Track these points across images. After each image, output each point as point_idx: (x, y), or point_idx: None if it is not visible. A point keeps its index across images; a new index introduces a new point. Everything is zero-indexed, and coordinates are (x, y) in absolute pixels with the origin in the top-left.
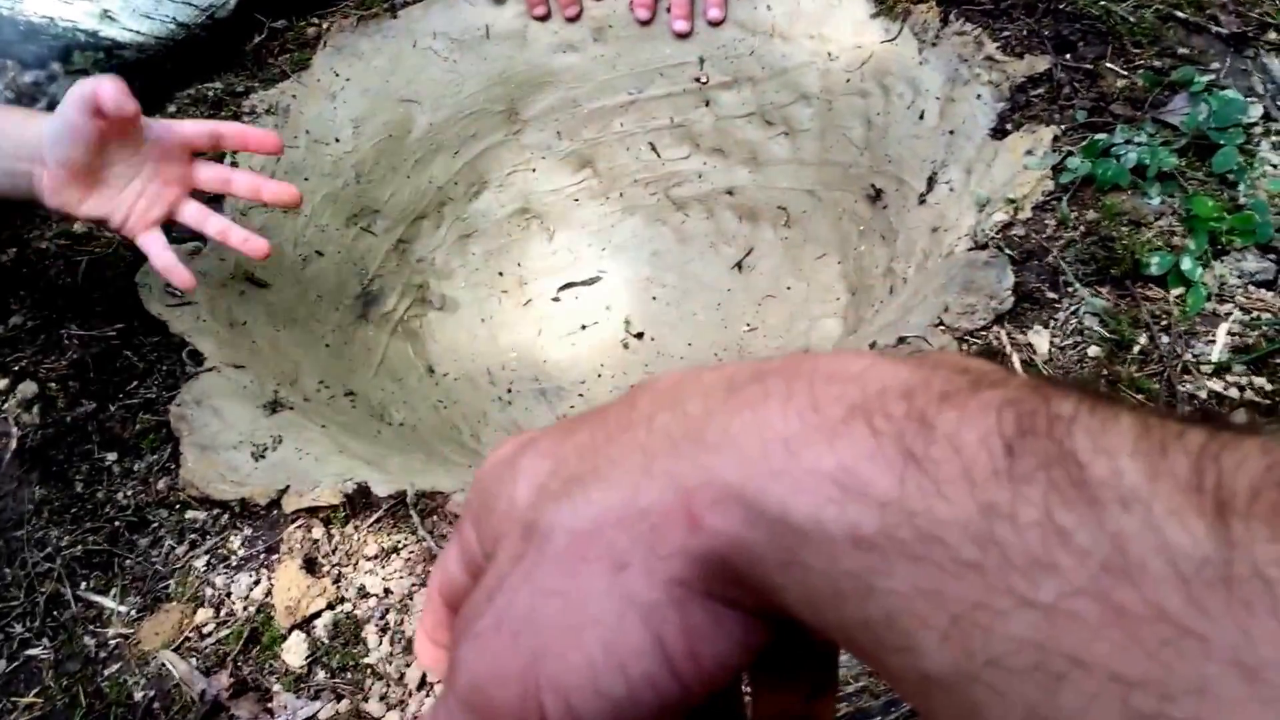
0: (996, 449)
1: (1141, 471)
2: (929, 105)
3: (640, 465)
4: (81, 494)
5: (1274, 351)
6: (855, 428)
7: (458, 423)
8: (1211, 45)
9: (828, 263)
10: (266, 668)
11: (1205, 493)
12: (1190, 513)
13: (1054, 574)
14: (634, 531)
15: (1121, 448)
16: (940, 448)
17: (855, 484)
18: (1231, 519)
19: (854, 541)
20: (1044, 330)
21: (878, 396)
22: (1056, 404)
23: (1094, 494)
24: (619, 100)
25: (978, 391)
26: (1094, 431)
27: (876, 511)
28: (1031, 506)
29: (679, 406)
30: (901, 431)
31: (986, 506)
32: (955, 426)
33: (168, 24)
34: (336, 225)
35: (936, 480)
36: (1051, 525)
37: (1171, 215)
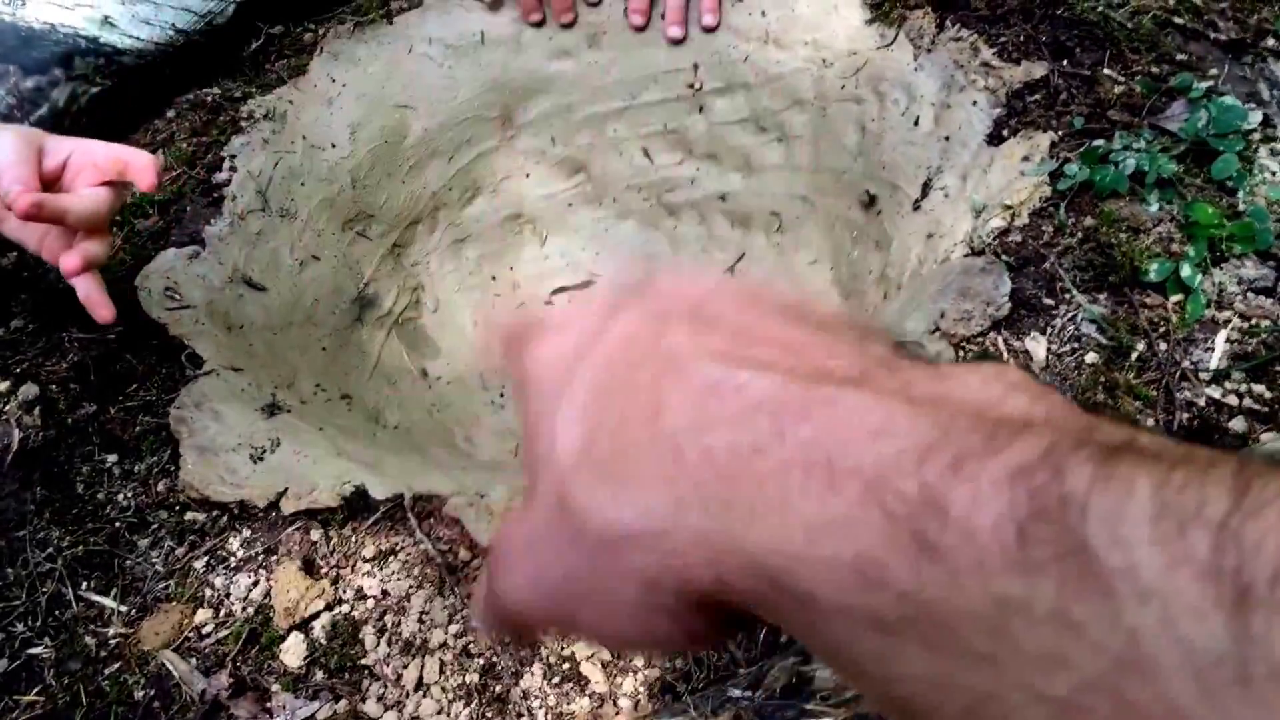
0: (1009, 536)
1: (1158, 562)
2: (924, 111)
3: (670, 505)
4: (82, 495)
5: (1273, 359)
6: (870, 513)
7: (451, 426)
8: (1209, 52)
9: (820, 269)
10: (265, 668)
11: (1224, 578)
12: (1209, 604)
13: (1067, 669)
14: (664, 564)
15: (1138, 535)
16: (953, 534)
17: (874, 573)
18: (1251, 611)
19: (875, 627)
20: (1041, 337)
21: (893, 470)
22: (1070, 478)
23: (1109, 586)
24: (613, 106)
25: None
26: (1108, 516)
27: (895, 601)
28: (1045, 600)
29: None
30: (914, 514)
31: (1000, 599)
32: (968, 509)
33: (167, 31)
34: (333, 230)
35: (951, 570)
36: (1065, 620)
37: (1170, 222)
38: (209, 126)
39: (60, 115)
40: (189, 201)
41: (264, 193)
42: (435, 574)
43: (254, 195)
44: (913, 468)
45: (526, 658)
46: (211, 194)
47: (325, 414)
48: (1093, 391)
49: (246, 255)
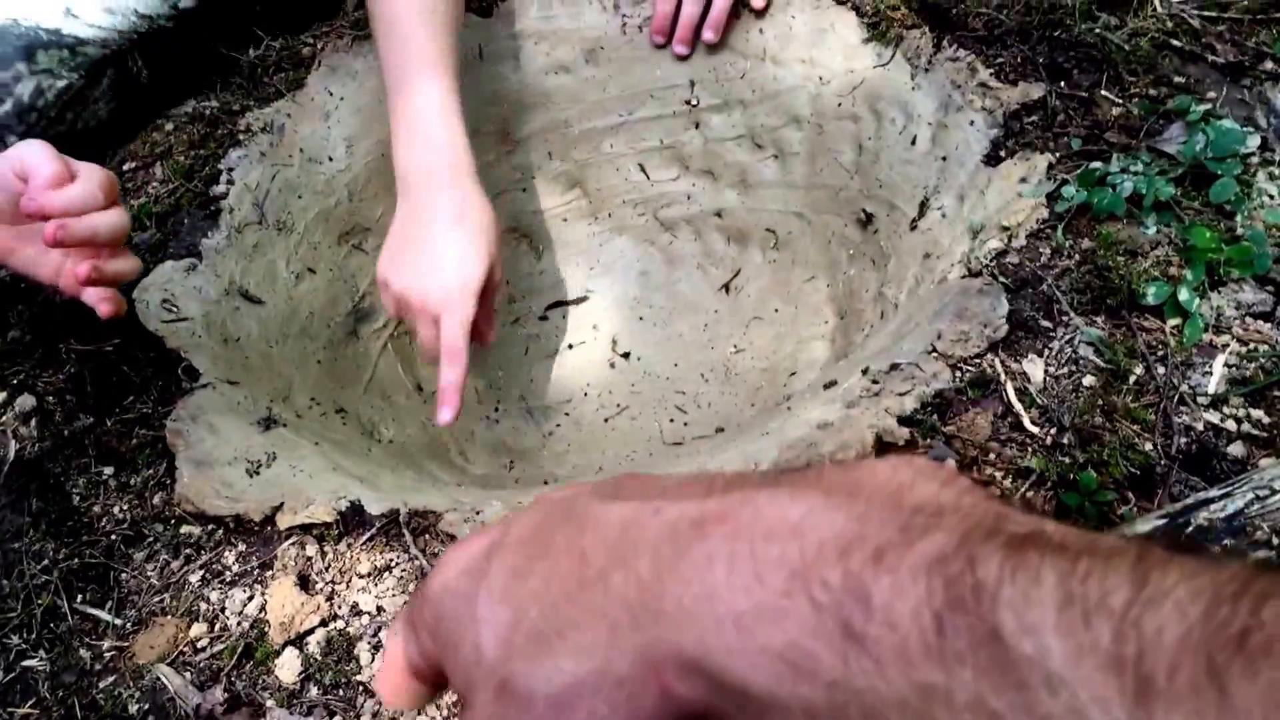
0: (927, 624)
1: (1065, 651)
2: (921, 131)
3: (606, 637)
4: (78, 507)
5: (1272, 384)
6: (798, 602)
7: (446, 440)
8: (1207, 74)
9: (816, 286)
10: (260, 683)
11: (1127, 670)
12: (1113, 695)
13: None
14: (612, 700)
15: (1045, 623)
16: (876, 624)
17: (804, 663)
18: (1153, 701)
19: (808, 716)
20: (1039, 359)
21: (815, 560)
22: (981, 568)
23: (1021, 677)
24: (609, 122)
25: (910, 546)
26: (1017, 604)
27: (825, 690)
28: (965, 690)
29: (629, 564)
30: (840, 604)
31: (923, 689)
32: (889, 597)
33: (130, 17)
34: (329, 243)
35: (876, 659)
36: (984, 708)
37: (1168, 245)
38: (206, 139)
39: (25, 111)
40: (186, 214)
41: (261, 206)
42: None
43: (251, 208)
44: (835, 558)
45: None
46: (209, 207)
47: (321, 428)
48: (1091, 414)
49: (243, 268)
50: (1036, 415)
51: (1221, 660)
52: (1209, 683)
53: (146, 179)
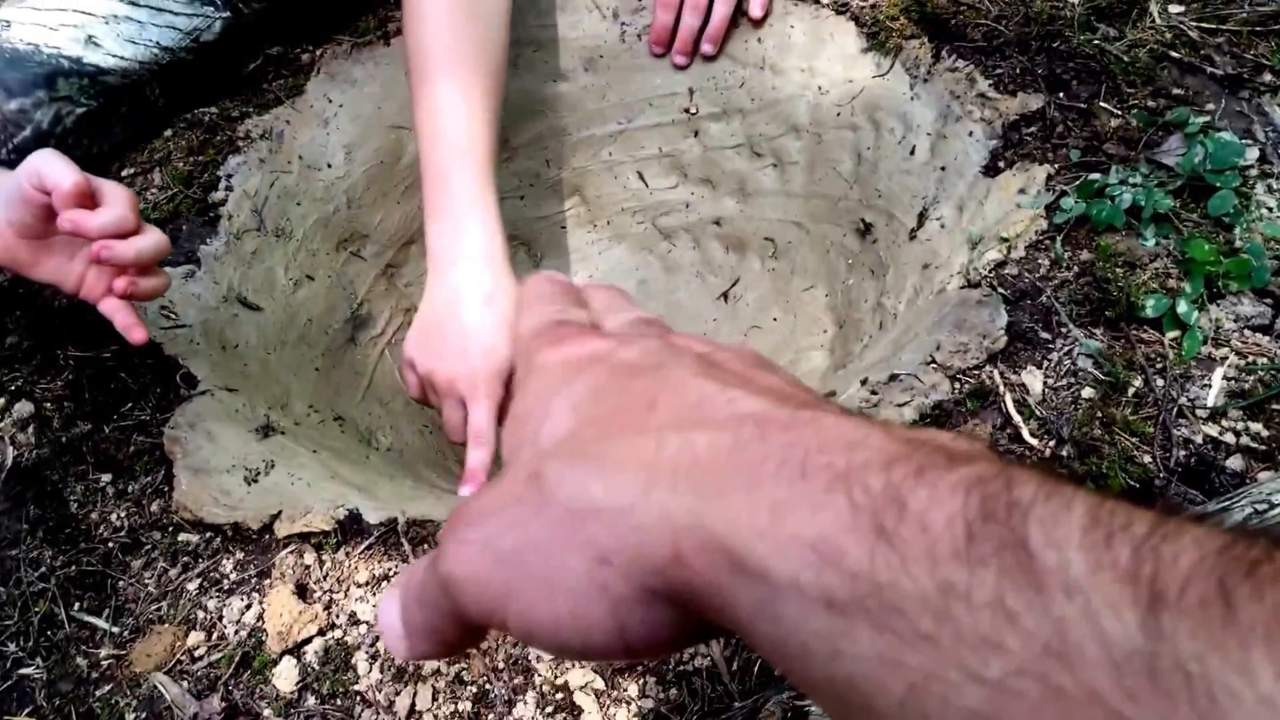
0: (959, 531)
1: (1085, 563)
2: (920, 141)
3: (641, 484)
4: (76, 515)
5: (1270, 397)
6: (836, 499)
7: (443, 448)
8: (1206, 86)
9: (815, 295)
10: (257, 692)
11: (1141, 584)
12: (1125, 604)
13: (1001, 653)
14: (622, 539)
15: (1070, 539)
16: (909, 526)
17: (831, 553)
18: (1162, 611)
19: (826, 605)
20: (1037, 371)
21: (861, 469)
22: (1017, 489)
23: (1041, 581)
24: (608, 130)
25: (953, 468)
26: (1047, 521)
27: (848, 581)
28: (985, 588)
29: (688, 434)
30: (877, 507)
31: (945, 585)
32: (925, 505)
33: (151, 48)
34: (327, 250)
35: (904, 557)
36: (1002, 607)
37: (1167, 257)
38: (205, 146)
39: (44, 137)
40: (185, 220)
41: (259, 212)
42: None
43: (249, 215)
44: (879, 470)
45: (519, 686)
46: (207, 213)
47: (319, 436)
48: (1089, 427)
49: (242, 275)
50: (1035, 427)
51: (1232, 583)
52: (1218, 600)
53: (145, 185)
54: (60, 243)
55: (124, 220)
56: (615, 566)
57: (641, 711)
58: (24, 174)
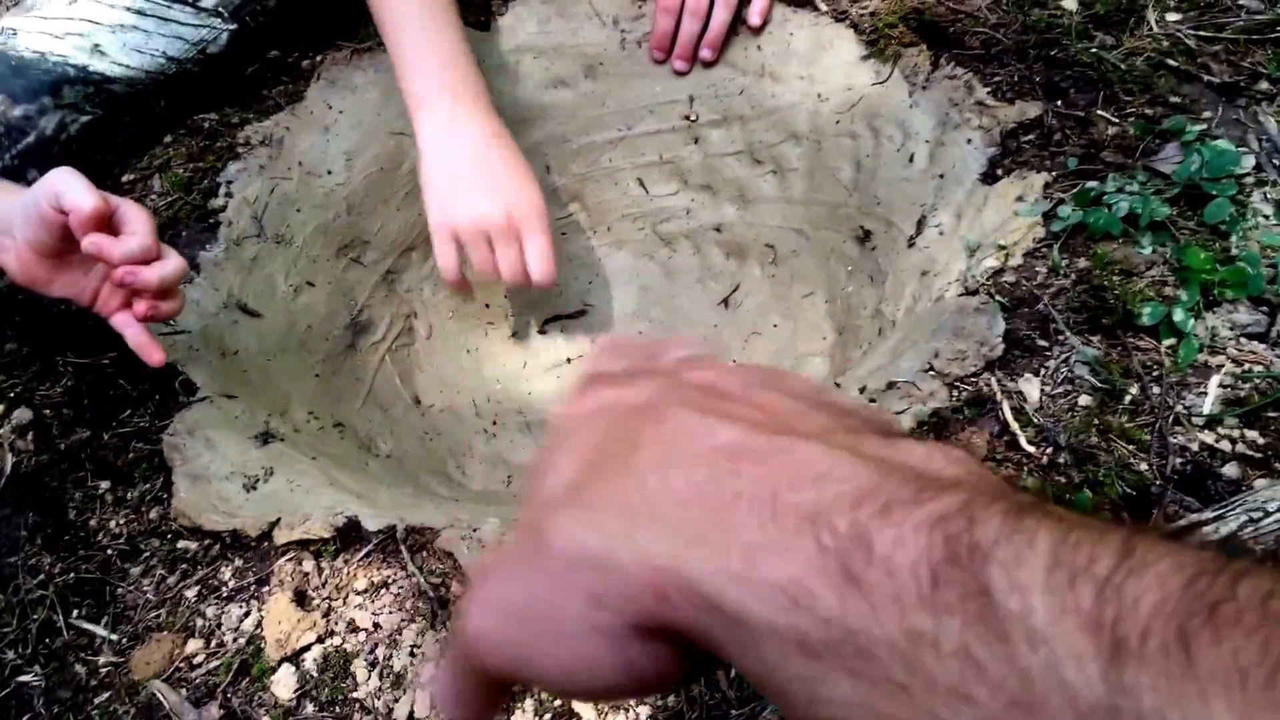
0: (924, 577)
1: (1049, 609)
2: (919, 148)
3: (625, 527)
4: (74, 521)
5: (1266, 405)
6: (804, 542)
7: (443, 455)
8: (1203, 94)
9: (815, 301)
10: (255, 700)
11: (1104, 631)
12: (1088, 654)
13: (970, 704)
14: (609, 582)
15: (1033, 582)
16: (876, 570)
17: (803, 598)
18: (1125, 661)
19: (801, 649)
20: (1035, 378)
21: (829, 508)
22: (980, 528)
23: (1005, 630)
24: (608, 136)
25: (919, 504)
26: (1009, 564)
27: (821, 626)
28: (951, 637)
29: (668, 473)
30: (843, 549)
31: (913, 634)
32: (890, 548)
33: (158, 58)
34: (327, 256)
35: (872, 602)
36: (968, 657)
37: (1163, 265)
38: (205, 152)
39: (48, 144)
40: (184, 227)
41: (259, 219)
42: (427, 607)
43: (249, 221)
44: (847, 508)
45: (518, 692)
46: (207, 220)
47: (318, 442)
48: (1086, 434)
49: (241, 281)
50: (1033, 434)
51: (1192, 628)
52: (1178, 648)
53: (145, 191)
54: (76, 259)
55: (147, 248)
56: (609, 609)
57: (640, 718)
58: (42, 194)
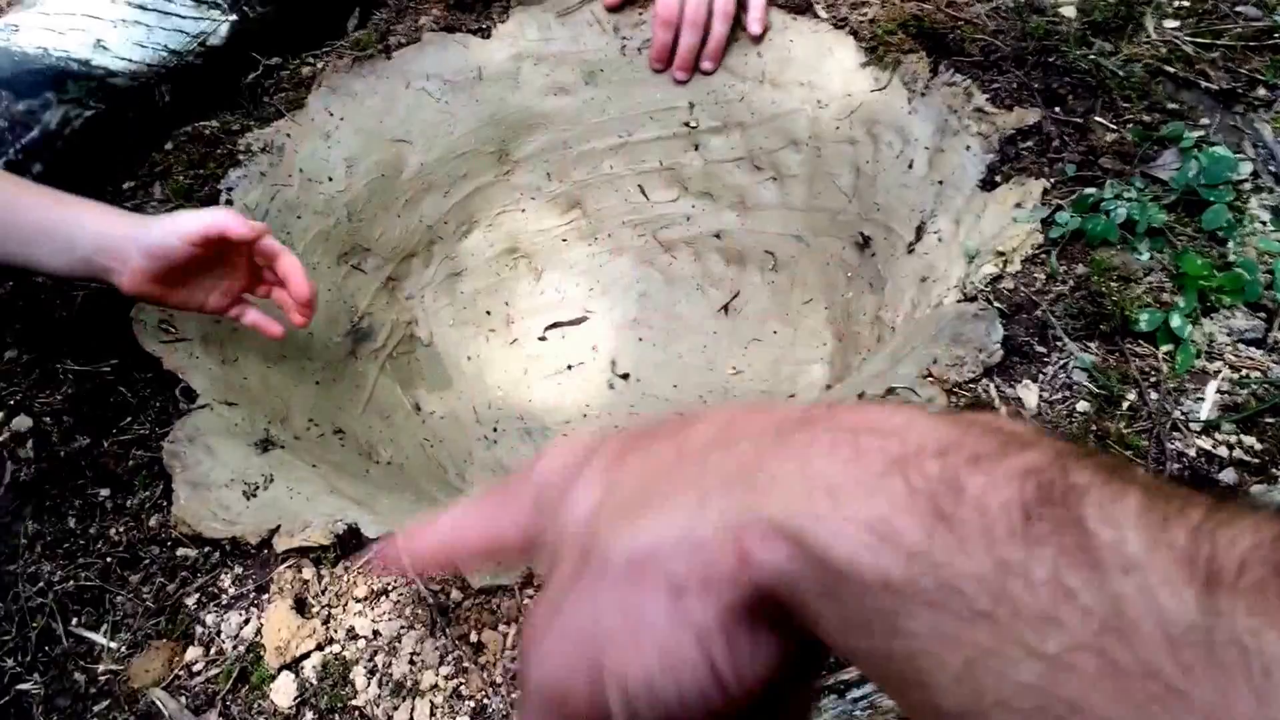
0: (1016, 514)
1: (1143, 542)
2: (918, 155)
3: (695, 501)
4: (74, 529)
5: (1263, 410)
6: (893, 482)
7: (444, 461)
8: (1201, 101)
9: (815, 308)
10: (255, 707)
11: (1198, 565)
12: (1182, 582)
13: (1059, 629)
14: (690, 561)
15: (1127, 519)
16: (967, 509)
17: (889, 534)
18: (1219, 591)
19: (884, 584)
20: (1033, 384)
21: (916, 454)
22: (1075, 474)
23: (1099, 558)
24: (609, 143)
25: (1005, 457)
26: (1104, 503)
27: (905, 560)
28: (1043, 566)
29: (731, 447)
30: (934, 491)
31: (1002, 564)
32: (982, 490)
33: (159, 51)
34: (328, 263)
35: (961, 537)
36: (1059, 584)
37: (1161, 271)
38: (206, 159)
39: (52, 138)
40: None
41: None
42: (427, 615)
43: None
44: (934, 454)
45: (518, 700)
46: None
47: (318, 450)
48: (1084, 440)
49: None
50: None
51: None
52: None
53: (146, 198)
54: (192, 280)
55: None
56: (691, 593)
57: None
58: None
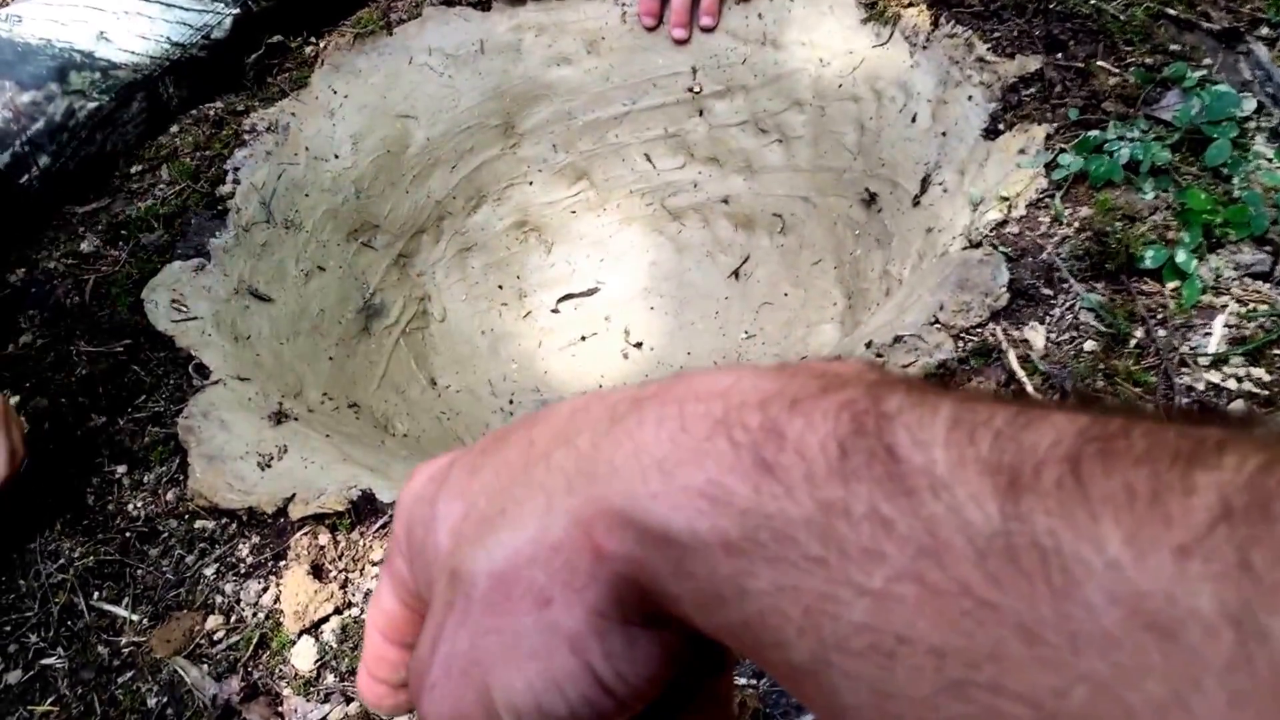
0: (832, 450)
1: (950, 460)
2: (921, 108)
3: (543, 506)
4: (93, 506)
5: (1271, 342)
6: (718, 443)
7: (460, 434)
8: (1203, 41)
9: (824, 268)
10: (276, 672)
11: (1001, 471)
12: (986, 493)
13: (882, 562)
14: (549, 568)
15: (936, 439)
16: (788, 454)
17: (721, 495)
18: (1020, 495)
19: (724, 549)
20: (1040, 326)
21: (738, 410)
22: (885, 402)
23: (911, 485)
24: (613, 112)
25: (825, 395)
26: (913, 426)
27: (739, 519)
28: (860, 501)
29: (570, 442)
30: (756, 442)
31: (825, 505)
32: (800, 433)
33: (162, 44)
34: (337, 241)
35: (786, 485)
36: (878, 517)
37: (1165, 210)
38: (212, 140)
39: (57, 130)
40: (193, 214)
41: (268, 204)
42: None
43: (258, 207)
44: (755, 407)
45: None
46: (215, 207)
47: (332, 422)
48: (1092, 379)
49: (252, 267)
50: (1039, 382)
51: (1085, 460)
52: (1071, 479)
53: (153, 181)
54: None
55: None
56: (556, 600)
57: None
58: None
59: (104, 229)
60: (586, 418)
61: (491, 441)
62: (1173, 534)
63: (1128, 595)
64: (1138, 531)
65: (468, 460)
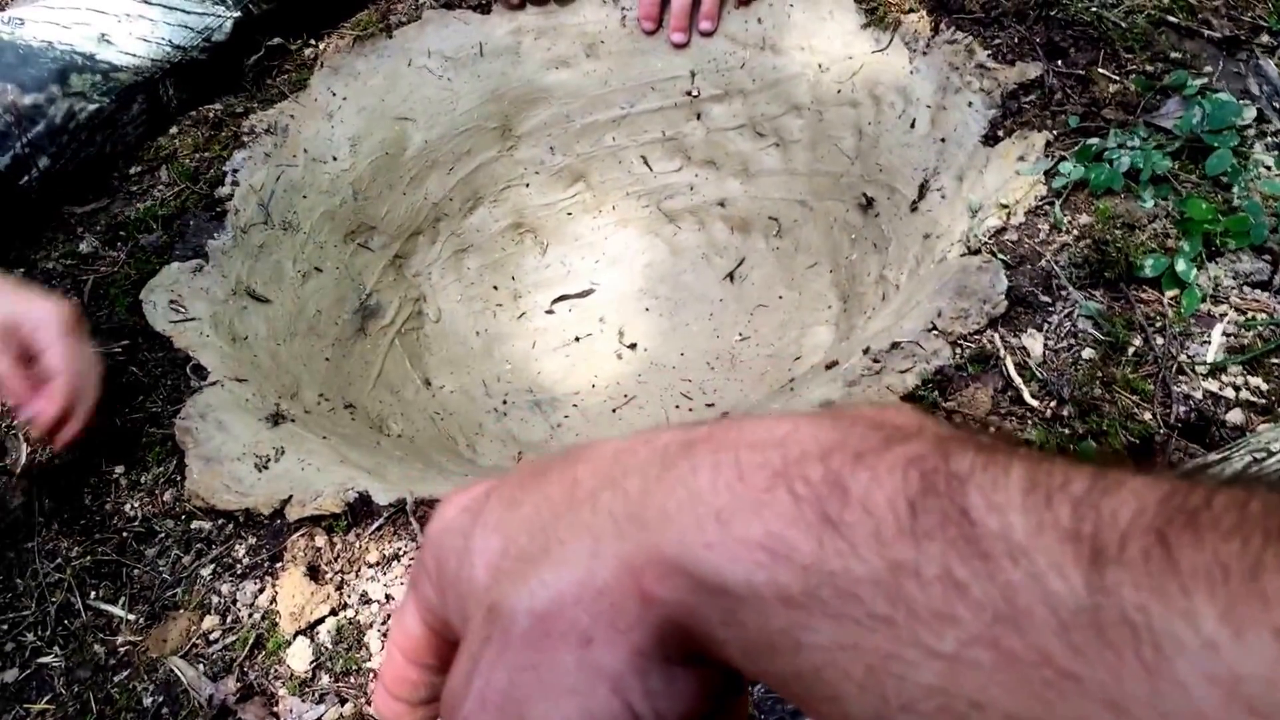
0: (902, 509)
1: (1028, 526)
2: (920, 114)
3: (590, 548)
4: (90, 506)
5: (1269, 351)
6: (778, 495)
7: (454, 434)
8: (1204, 49)
9: (819, 272)
10: (272, 673)
11: (1083, 541)
12: (1069, 562)
13: (954, 625)
14: (593, 610)
15: (1011, 503)
16: (853, 510)
17: (781, 549)
18: (1105, 566)
19: (782, 601)
20: (1038, 333)
21: (798, 462)
22: (955, 461)
23: (986, 549)
24: (611, 115)
25: (889, 449)
26: (986, 488)
27: (800, 574)
28: (932, 563)
29: (619, 485)
30: (819, 496)
31: (894, 564)
32: (866, 489)
33: (164, 46)
34: (334, 242)
35: (851, 542)
36: (950, 579)
37: (1165, 218)
38: (211, 141)
39: (58, 132)
40: (192, 215)
41: (266, 206)
42: None
43: (256, 208)
44: (816, 459)
45: None
46: (214, 208)
47: (329, 423)
48: (1090, 386)
49: (249, 268)
50: (1036, 389)
51: (1172, 532)
52: (1159, 550)
53: (152, 182)
54: None
55: None
56: (599, 641)
57: None
58: None
59: (103, 230)
60: (634, 459)
61: (530, 476)
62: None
63: (1225, 677)
64: (1233, 609)
65: (505, 493)
